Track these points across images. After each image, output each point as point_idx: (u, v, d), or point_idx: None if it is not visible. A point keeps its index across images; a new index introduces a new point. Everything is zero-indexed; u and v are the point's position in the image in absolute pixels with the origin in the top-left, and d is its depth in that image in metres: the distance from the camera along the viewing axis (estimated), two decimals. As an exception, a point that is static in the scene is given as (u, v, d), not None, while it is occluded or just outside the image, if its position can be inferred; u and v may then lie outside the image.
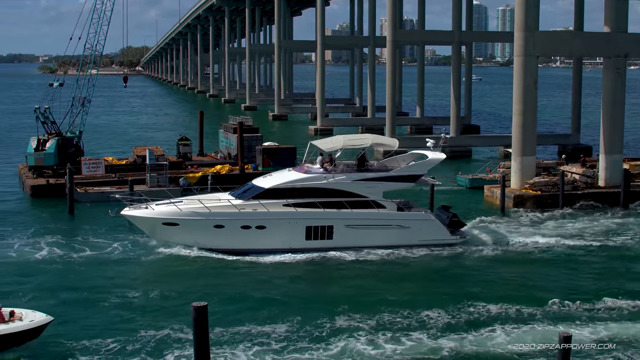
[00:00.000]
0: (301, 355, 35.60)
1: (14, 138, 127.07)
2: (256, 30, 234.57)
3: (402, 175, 55.70)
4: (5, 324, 35.21)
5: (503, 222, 62.31)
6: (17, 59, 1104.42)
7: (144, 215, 53.31)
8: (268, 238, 52.77)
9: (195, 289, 44.77)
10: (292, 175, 55.17)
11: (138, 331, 37.88)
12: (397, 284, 46.69)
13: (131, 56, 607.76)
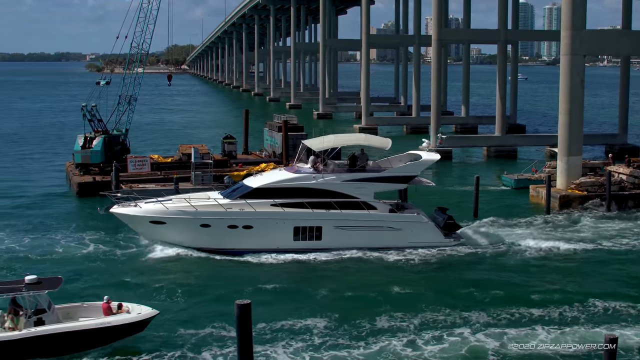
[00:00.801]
0: (339, 352, 35.66)
1: (61, 136, 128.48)
2: (301, 29, 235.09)
3: (394, 176, 55.06)
4: (114, 315, 36.08)
5: (537, 224, 61.59)
6: (65, 58, 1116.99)
7: (132, 213, 53.32)
8: (255, 238, 52.42)
9: (233, 287, 45.08)
10: (282, 175, 54.90)
11: (178, 329, 38.35)
12: (433, 284, 46.62)
13: (177, 55, 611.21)
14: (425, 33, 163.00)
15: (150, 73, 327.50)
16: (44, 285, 35.25)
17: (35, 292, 34.78)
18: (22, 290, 34.62)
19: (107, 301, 36.87)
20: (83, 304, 37.91)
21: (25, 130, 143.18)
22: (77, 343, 34.94)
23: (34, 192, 75.47)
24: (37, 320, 34.84)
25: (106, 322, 35.53)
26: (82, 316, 36.94)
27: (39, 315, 34.99)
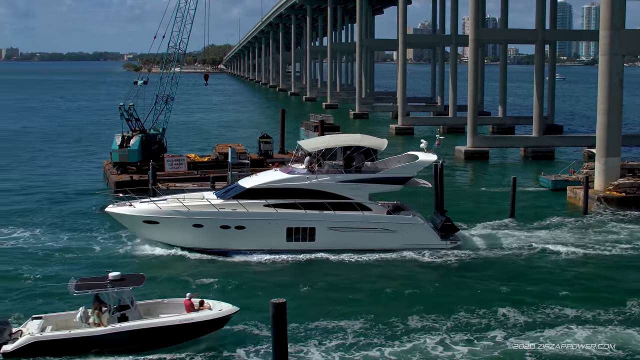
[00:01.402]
0: (371, 352, 35.73)
1: (99, 135, 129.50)
2: (338, 29, 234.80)
3: (389, 177, 54.55)
4: (196, 312, 36.59)
5: (574, 225, 61.00)
6: (103, 57, 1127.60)
7: (126, 213, 53.56)
8: (247, 238, 52.32)
9: (270, 287, 45.16)
10: (276, 176, 54.74)
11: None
12: (465, 284, 46.44)
13: (214, 54, 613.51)
14: (462, 33, 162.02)
15: (187, 72, 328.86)
16: (128, 282, 36.03)
17: (119, 289, 35.50)
18: (107, 287, 35.35)
19: (189, 298, 37.35)
20: (163, 301, 38.48)
21: (64, 129, 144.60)
22: (161, 339, 35.59)
23: (72, 190, 76.19)
24: (120, 316, 35.56)
25: (189, 318, 36.12)
26: (162, 312, 37.68)
27: (122, 312, 35.70)
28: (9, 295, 43.99)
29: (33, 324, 36.05)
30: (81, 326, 35.75)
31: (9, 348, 34.46)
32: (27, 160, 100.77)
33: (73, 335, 34.98)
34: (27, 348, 34.36)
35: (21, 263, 50.00)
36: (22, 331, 35.74)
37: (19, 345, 34.49)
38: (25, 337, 34.77)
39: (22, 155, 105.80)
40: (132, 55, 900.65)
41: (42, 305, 41.40)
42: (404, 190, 56.22)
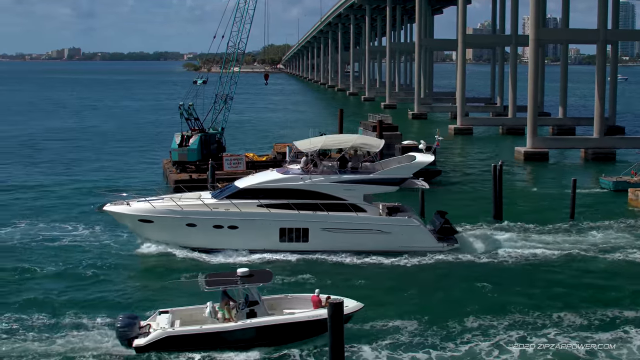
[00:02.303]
0: (427, 354, 35.78)
1: (159, 134, 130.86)
2: (397, 29, 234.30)
3: (384, 178, 53.90)
4: (324, 308, 36.61)
5: (636, 227, 60.23)
6: (163, 57, 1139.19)
7: (123, 211, 53.76)
8: (240, 238, 52.20)
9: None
10: (270, 176, 54.49)
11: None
12: (519, 286, 46.13)
13: (273, 54, 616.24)
14: (522, 33, 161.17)
15: (246, 72, 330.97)
16: (257, 278, 36.56)
17: (250, 285, 36.09)
18: (237, 283, 35.92)
19: (317, 294, 37.83)
20: (287, 296, 38.95)
21: (124, 128, 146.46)
22: (289, 334, 36.04)
23: (132, 189, 77.17)
24: (249, 312, 36.10)
25: (318, 314, 36.40)
26: (286, 308, 38.18)
27: (251, 307, 36.21)
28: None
29: (162, 319, 36.72)
30: (211, 321, 36.34)
31: (141, 342, 35.17)
32: (88, 158, 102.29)
33: (205, 331, 35.58)
34: (159, 342, 35.04)
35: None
36: (150, 325, 36.50)
37: (152, 339, 35.17)
38: (158, 332, 35.44)
39: (83, 153, 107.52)
40: (192, 55, 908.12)
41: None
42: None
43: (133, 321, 36.08)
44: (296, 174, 53.37)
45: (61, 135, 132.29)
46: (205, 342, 35.40)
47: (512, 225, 59.79)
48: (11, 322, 39.19)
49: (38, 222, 61.25)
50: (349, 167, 54.56)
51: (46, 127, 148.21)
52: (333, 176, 53.17)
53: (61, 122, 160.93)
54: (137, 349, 35.14)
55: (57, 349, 35.68)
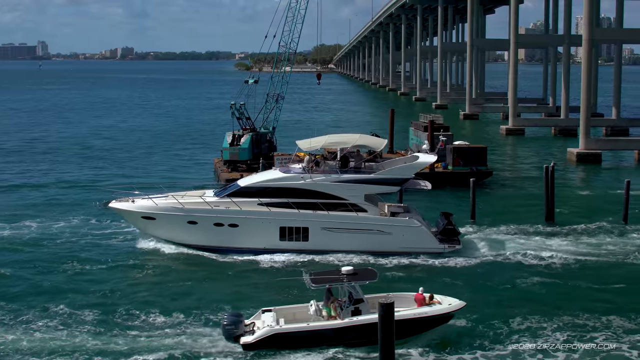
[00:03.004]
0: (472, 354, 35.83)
1: (210, 133, 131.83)
2: (448, 29, 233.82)
3: (385, 178, 53.62)
4: (428, 306, 37.33)
5: None
6: (215, 56, 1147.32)
7: (126, 208, 54.43)
8: (241, 237, 52.46)
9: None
10: (271, 175, 54.69)
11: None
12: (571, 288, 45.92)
13: (324, 54, 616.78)
14: (575, 33, 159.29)
15: (297, 72, 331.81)
16: (362, 277, 36.96)
17: (356, 283, 36.47)
18: (343, 281, 36.29)
19: (421, 292, 38.01)
20: (388, 295, 38.71)
21: (176, 127, 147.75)
22: (396, 332, 35.89)
23: (184, 188, 77.89)
24: (354, 310, 36.40)
25: (423, 312, 36.83)
26: None
27: (356, 305, 36.52)
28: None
29: (266, 317, 37.16)
30: (316, 319, 36.74)
31: (249, 339, 35.63)
32: (139, 156, 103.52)
33: (312, 328, 35.93)
34: (267, 340, 35.40)
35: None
36: (254, 323, 36.94)
37: (260, 336, 35.56)
38: (266, 329, 35.80)
39: (134, 151, 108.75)
40: (244, 54, 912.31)
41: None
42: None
43: (238, 319, 36.59)
44: (297, 173, 53.62)
45: (113, 133, 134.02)
46: (312, 339, 35.69)
47: (562, 227, 59.39)
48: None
49: (104, 219, 62.25)
50: (350, 166, 54.64)
51: (99, 125, 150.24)
52: (333, 175, 53.30)
53: (113, 120, 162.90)
54: (245, 346, 35.60)
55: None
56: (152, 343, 36.65)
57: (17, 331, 38.40)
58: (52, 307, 41.58)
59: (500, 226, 59.61)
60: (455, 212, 63.98)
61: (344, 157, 55.33)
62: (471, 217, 61.93)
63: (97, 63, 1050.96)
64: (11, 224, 61.12)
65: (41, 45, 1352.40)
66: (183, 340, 36.99)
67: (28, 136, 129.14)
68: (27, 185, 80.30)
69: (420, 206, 65.57)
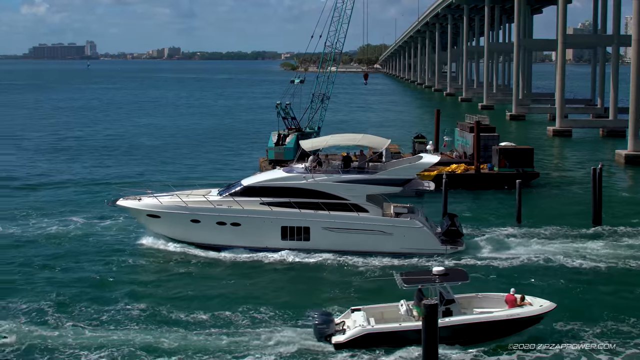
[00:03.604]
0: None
1: (256, 132, 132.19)
2: (495, 29, 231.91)
3: (386, 179, 53.36)
4: (520, 308, 37.25)
5: None
6: (261, 56, 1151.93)
7: (133, 206, 55.12)
8: (243, 235, 52.76)
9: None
10: (274, 174, 54.94)
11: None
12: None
13: (370, 54, 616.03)
14: (624, 33, 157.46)
15: (343, 72, 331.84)
16: (453, 277, 37.10)
17: (448, 283, 36.57)
18: (435, 282, 36.35)
19: (512, 293, 37.96)
20: (477, 295, 39.13)
21: (223, 126, 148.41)
22: (485, 333, 36.29)
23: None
24: (445, 311, 36.41)
25: (516, 313, 36.79)
26: (477, 307, 38.28)
27: (447, 306, 36.57)
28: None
29: (356, 316, 37.30)
30: (407, 319, 36.69)
31: (341, 339, 35.89)
32: (185, 155, 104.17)
33: (404, 328, 35.94)
34: (359, 339, 35.48)
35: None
36: (344, 322, 37.17)
37: (352, 336, 35.73)
38: (358, 329, 35.96)
39: (180, 150, 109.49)
40: (290, 54, 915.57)
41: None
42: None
43: (329, 318, 36.88)
44: (299, 173, 53.74)
45: (159, 132, 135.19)
46: (404, 340, 35.63)
47: (609, 231, 58.57)
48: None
49: None
50: (353, 166, 54.65)
51: (145, 124, 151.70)
52: (335, 175, 53.34)
53: (160, 119, 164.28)
54: (337, 346, 35.77)
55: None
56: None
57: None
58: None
59: (546, 228, 58.93)
60: (500, 213, 63.80)
61: (347, 157, 55.57)
62: (517, 219, 61.33)
63: (144, 63, 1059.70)
64: (58, 219, 62.32)
65: (89, 45, 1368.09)
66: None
67: (75, 134, 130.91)
68: (72, 181, 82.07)
69: (462, 208, 65.40)
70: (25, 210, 66.36)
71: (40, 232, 58.60)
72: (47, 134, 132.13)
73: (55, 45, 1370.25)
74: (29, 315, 40.65)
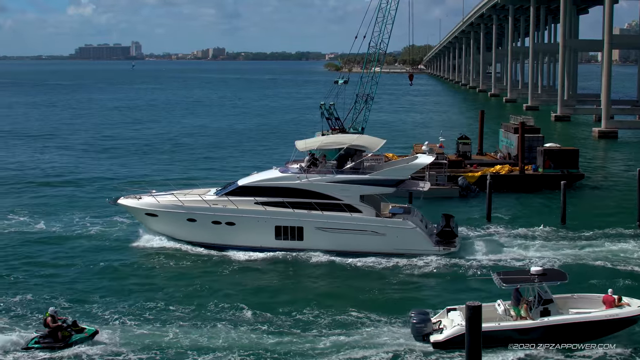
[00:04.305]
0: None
1: (300, 132, 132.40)
2: (540, 29, 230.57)
3: (380, 179, 53.12)
4: (618, 308, 37.04)
5: None
6: (305, 57, 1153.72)
7: (132, 205, 55.83)
8: (237, 234, 53.19)
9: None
10: (269, 174, 54.96)
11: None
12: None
13: (414, 55, 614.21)
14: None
15: (386, 72, 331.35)
16: (552, 277, 37.09)
17: (546, 283, 36.62)
18: (534, 282, 36.42)
19: (610, 294, 37.78)
20: (573, 295, 38.92)
21: (266, 127, 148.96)
22: (582, 334, 36.13)
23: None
24: (543, 310, 36.44)
25: (615, 314, 36.56)
26: (572, 307, 38.03)
27: (545, 306, 36.56)
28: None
29: (453, 315, 37.38)
30: (505, 319, 36.76)
31: (439, 338, 36.06)
32: (229, 155, 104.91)
33: (503, 328, 36.02)
34: (457, 338, 35.39)
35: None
36: (440, 321, 37.35)
37: (451, 335, 35.86)
38: (456, 328, 35.98)
39: (223, 150, 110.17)
40: (334, 55, 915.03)
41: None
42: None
43: (427, 317, 37.08)
44: (293, 173, 54.02)
45: (203, 132, 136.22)
46: (502, 339, 35.66)
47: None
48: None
49: None
50: (347, 167, 54.57)
51: (189, 124, 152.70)
52: (329, 176, 53.44)
53: (204, 119, 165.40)
54: (435, 345, 35.90)
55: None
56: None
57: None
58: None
59: (590, 230, 58.52)
60: (545, 215, 63.53)
61: (341, 157, 55.54)
62: (561, 220, 61.09)
63: (188, 63, 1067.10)
64: (103, 219, 63.16)
65: (135, 46, 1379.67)
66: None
67: (119, 134, 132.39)
68: (108, 178, 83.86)
69: (508, 213, 65.20)
70: (56, 206, 68.76)
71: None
72: (89, 133, 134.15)
73: (101, 46, 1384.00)
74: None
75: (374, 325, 39.02)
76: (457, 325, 36.07)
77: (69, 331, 36.46)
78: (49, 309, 37.60)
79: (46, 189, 78.17)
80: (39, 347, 35.96)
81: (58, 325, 36.34)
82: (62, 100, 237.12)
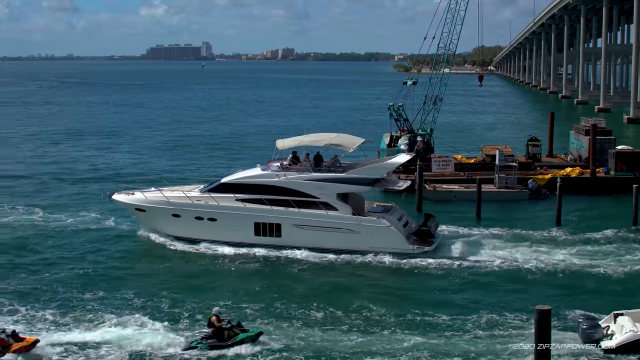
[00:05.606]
0: None
1: (368, 133, 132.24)
2: (613, 30, 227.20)
3: (355, 178, 53.58)
4: None
5: None
6: (374, 58, 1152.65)
7: (124, 200, 57.60)
8: (219, 230, 54.55)
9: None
10: (251, 172, 55.73)
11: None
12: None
13: (484, 56, 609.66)
14: None
15: (456, 73, 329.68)
16: None
17: None
18: None
19: None
20: None
21: (335, 127, 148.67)
22: None
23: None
24: None
25: None
26: None
27: None
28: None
29: (622, 320, 36.86)
30: None
31: (611, 344, 35.76)
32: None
33: None
34: (630, 345, 35.24)
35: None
36: (609, 326, 36.97)
37: (624, 341, 35.53)
38: (629, 334, 35.67)
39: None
40: (403, 55, 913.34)
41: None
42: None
43: (596, 322, 36.84)
44: (272, 171, 54.92)
45: (269, 131, 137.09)
46: None
47: None
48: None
49: None
50: (324, 165, 55.37)
51: (256, 124, 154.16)
52: (306, 174, 54.20)
53: (272, 119, 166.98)
54: (606, 351, 35.63)
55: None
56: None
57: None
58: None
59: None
60: (616, 218, 62.60)
61: (318, 156, 56.17)
62: (633, 223, 60.29)
63: (258, 63, 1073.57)
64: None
65: (205, 46, 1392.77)
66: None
67: (185, 132, 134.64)
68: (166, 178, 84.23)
69: (579, 216, 64.44)
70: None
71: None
72: (159, 132, 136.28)
73: (172, 46, 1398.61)
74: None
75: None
76: (629, 331, 35.57)
77: (235, 331, 37.12)
78: (213, 309, 38.53)
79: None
80: (204, 345, 36.68)
81: (223, 325, 37.09)
82: (130, 99, 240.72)
